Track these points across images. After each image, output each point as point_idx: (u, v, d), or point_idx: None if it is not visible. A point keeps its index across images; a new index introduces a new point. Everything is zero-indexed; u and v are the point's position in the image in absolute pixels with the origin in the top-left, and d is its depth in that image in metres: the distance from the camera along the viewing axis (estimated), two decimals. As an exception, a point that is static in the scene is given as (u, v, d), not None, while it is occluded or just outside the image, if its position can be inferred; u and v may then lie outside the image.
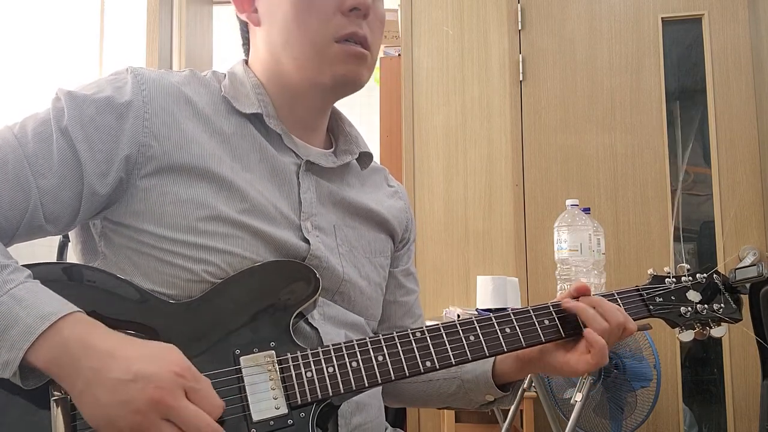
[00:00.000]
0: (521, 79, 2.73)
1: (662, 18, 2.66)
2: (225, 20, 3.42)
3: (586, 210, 1.96)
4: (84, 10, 2.79)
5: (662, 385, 2.13)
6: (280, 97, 0.90)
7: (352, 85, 0.88)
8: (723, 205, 2.54)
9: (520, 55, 2.73)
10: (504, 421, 2.27)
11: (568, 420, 1.86)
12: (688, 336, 0.92)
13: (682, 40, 2.71)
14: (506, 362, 0.94)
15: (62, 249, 1.46)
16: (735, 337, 2.48)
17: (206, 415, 0.64)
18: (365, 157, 0.98)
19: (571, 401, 1.93)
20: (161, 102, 0.81)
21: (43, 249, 1.11)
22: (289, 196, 0.87)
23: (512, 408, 2.26)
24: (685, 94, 2.71)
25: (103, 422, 0.63)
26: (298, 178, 0.88)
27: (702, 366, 2.62)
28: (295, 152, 0.89)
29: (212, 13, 3.17)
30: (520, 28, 2.75)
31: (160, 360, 0.65)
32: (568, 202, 1.99)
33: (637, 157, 2.62)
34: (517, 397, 2.23)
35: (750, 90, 2.57)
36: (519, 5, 2.75)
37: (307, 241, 0.85)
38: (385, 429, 0.95)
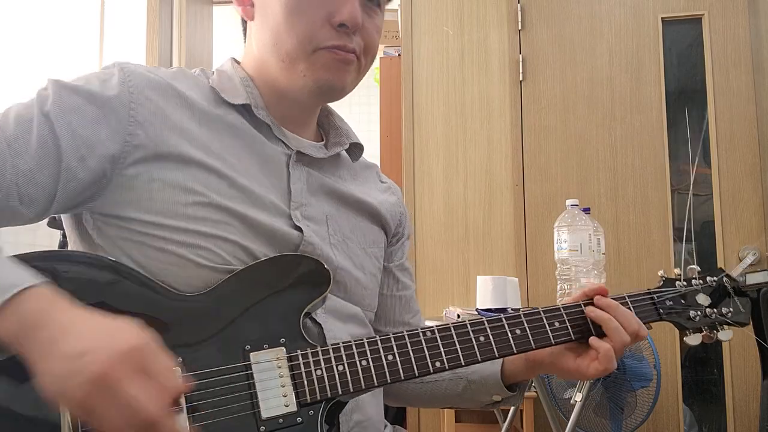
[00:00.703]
0: (521, 79, 2.73)
1: (662, 18, 2.66)
2: (225, 20, 3.41)
3: (586, 210, 1.96)
4: (84, 9, 2.79)
5: (662, 385, 2.13)
6: (268, 93, 0.90)
7: (338, 92, 0.88)
8: (723, 205, 2.55)
9: (520, 55, 2.73)
10: (504, 421, 2.27)
11: (568, 420, 1.86)
12: (695, 339, 0.91)
13: (682, 40, 2.71)
14: (515, 363, 0.94)
15: (62, 249, 1.46)
16: (735, 337, 2.47)
17: (146, 401, 0.60)
18: (356, 149, 0.98)
19: (571, 401, 1.93)
20: (147, 93, 0.81)
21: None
22: (279, 186, 0.87)
23: (512, 408, 2.26)
24: (685, 94, 2.71)
25: (57, 394, 0.62)
26: (288, 168, 0.88)
27: (702, 366, 2.62)
28: (285, 143, 0.89)
29: (212, 12, 3.17)
30: (520, 28, 2.75)
31: (114, 335, 0.63)
32: (568, 202, 1.99)
33: (637, 157, 2.62)
34: (521, 401, 2.23)
35: (750, 90, 2.57)
36: (519, 5, 2.75)
37: (299, 229, 0.85)
38: (384, 427, 0.95)
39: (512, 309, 2.00)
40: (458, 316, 1.98)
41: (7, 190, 0.73)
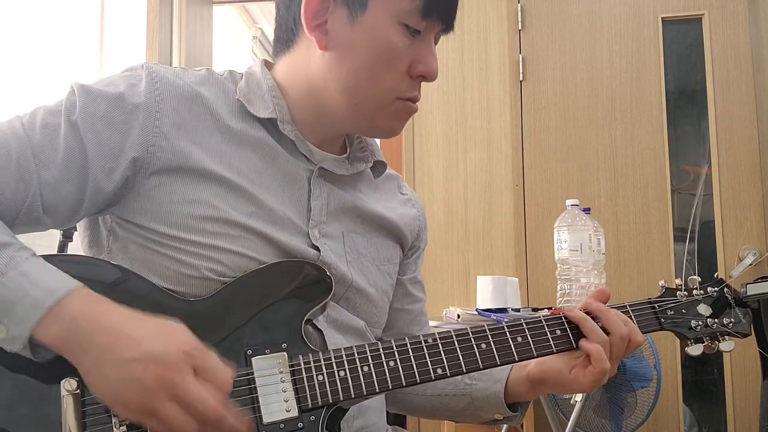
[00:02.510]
0: (521, 79, 2.72)
1: (662, 18, 2.66)
2: (225, 20, 3.41)
3: (586, 210, 1.96)
4: (84, 9, 2.78)
5: (662, 385, 2.13)
6: (304, 111, 0.88)
7: (393, 135, 0.90)
8: (723, 205, 2.54)
9: (520, 55, 2.73)
10: (504, 421, 2.27)
11: (568, 420, 1.86)
12: (697, 350, 0.91)
13: (683, 40, 2.70)
14: (518, 383, 0.94)
15: (62, 249, 1.46)
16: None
17: (211, 399, 0.64)
18: (379, 166, 0.97)
19: (571, 401, 1.93)
20: (174, 102, 0.80)
21: (43, 250, 1.11)
22: (299, 203, 0.86)
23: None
24: (685, 94, 2.70)
25: (112, 398, 0.64)
26: (309, 184, 0.87)
27: (702, 366, 2.62)
28: (308, 158, 0.88)
29: (212, 12, 3.17)
30: (520, 27, 2.74)
31: (167, 338, 0.65)
32: (568, 202, 1.99)
33: (637, 157, 2.62)
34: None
35: (750, 90, 2.57)
36: (519, 5, 2.75)
37: (316, 248, 0.85)
38: (386, 430, 0.95)
39: (512, 309, 2.00)
40: (458, 316, 1.98)
41: (32, 200, 0.74)
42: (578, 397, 1.83)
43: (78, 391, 0.67)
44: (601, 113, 2.66)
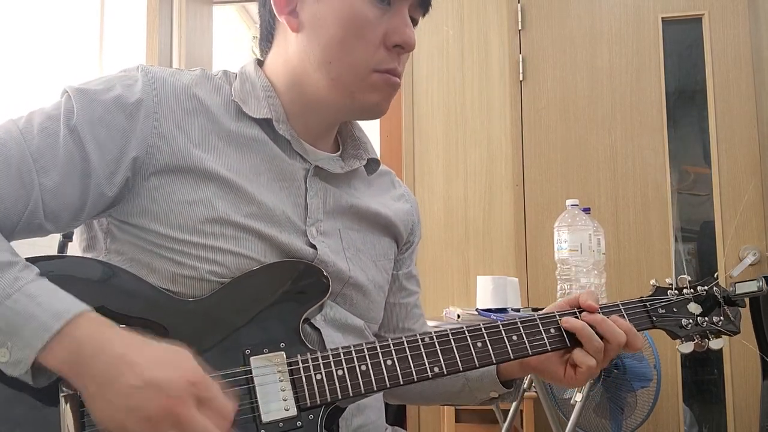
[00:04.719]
0: (521, 79, 2.72)
1: (662, 18, 2.66)
2: (225, 20, 3.41)
3: (586, 210, 1.96)
4: (84, 9, 2.78)
5: (662, 385, 2.13)
6: (294, 104, 0.89)
7: (378, 113, 0.89)
8: (723, 205, 2.54)
9: (520, 55, 2.73)
10: (504, 421, 2.27)
11: (568, 420, 1.86)
12: (687, 348, 0.93)
13: (683, 40, 2.71)
14: (511, 364, 0.95)
15: (62, 249, 1.46)
16: (735, 337, 2.47)
17: (214, 429, 0.63)
18: (373, 164, 0.97)
19: (571, 401, 1.93)
20: (171, 102, 0.80)
21: (42, 250, 1.11)
22: (296, 201, 0.86)
23: (512, 408, 2.26)
24: (686, 94, 2.70)
25: (113, 426, 0.63)
26: (305, 182, 0.87)
27: (702, 366, 2.62)
28: (303, 157, 0.89)
29: (212, 12, 3.17)
30: (520, 27, 2.75)
31: (173, 367, 0.64)
32: (568, 202, 1.98)
33: (637, 157, 2.62)
34: (518, 397, 2.23)
35: (750, 90, 2.57)
36: (519, 5, 2.75)
37: (313, 247, 0.85)
38: (385, 429, 0.95)
39: (512, 309, 1.99)
40: (458, 316, 1.97)
41: (33, 207, 0.73)
42: (578, 397, 1.83)
43: (77, 392, 0.67)
44: (601, 113, 2.67)
